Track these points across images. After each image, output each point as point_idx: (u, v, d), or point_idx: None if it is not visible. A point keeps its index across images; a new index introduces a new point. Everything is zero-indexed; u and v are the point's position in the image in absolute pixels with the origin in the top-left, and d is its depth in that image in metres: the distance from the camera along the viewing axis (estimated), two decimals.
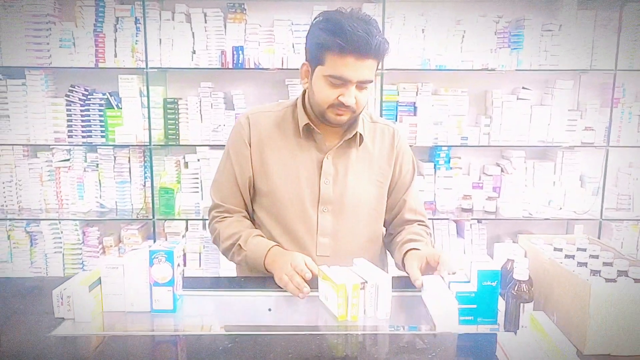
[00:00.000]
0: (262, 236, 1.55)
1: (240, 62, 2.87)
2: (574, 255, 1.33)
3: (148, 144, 2.96)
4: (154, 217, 2.97)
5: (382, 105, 2.97)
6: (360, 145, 1.56)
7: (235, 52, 2.87)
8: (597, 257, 1.28)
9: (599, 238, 3.06)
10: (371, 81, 1.44)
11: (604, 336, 1.10)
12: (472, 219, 3.11)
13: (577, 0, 3.00)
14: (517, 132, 3.10)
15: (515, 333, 1.15)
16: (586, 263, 1.26)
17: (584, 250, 1.35)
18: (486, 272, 1.27)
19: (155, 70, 2.91)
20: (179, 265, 1.37)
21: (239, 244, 1.52)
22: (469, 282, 1.30)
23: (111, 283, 1.35)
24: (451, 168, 3.15)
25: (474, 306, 1.27)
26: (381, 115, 2.94)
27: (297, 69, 2.61)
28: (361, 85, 1.42)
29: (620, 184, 3.24)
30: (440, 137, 3.08)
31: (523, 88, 3.14)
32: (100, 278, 1.35)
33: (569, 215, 3.03)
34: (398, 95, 3.08)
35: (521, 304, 1.21)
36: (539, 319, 1.08)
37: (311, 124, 1.52)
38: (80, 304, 1.29)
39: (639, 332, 1.09)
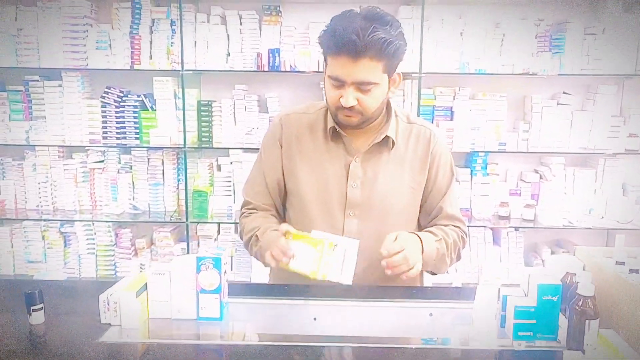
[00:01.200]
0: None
1: (276, 64, 2.85)
2: (638, 270, 1.26)
3: (182, 146, 2.95)
4: (187, 220, 2.96)
5: (419, 109, 2.91)
6: (392, 148, 1.52)
7: (271, 55, 2.85)
8: None
9: None
10: (372, 82, 1.36)
11: None
12: (509, 227, 3.03)
13: (622, 3, 2.91)
14: (557, 138, 3.02)
15: (583, 352, 1.09)
16: None
17: None
18: (547, 285, 1.21)
19: (191, 72, 2.90)
20: (225, 272, 1.34)
21: (256, 235, 1.52)
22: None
23: (157, 289, 1.33)
24: (488, 174, 3.08)
25: (534, 321, 1.22)
26: None
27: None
28: (360, 86, 1.37)
29: None
30: (477, 142, 3.01)
31: (564, 93, 3.05)
32: (146, 284, 1.33)
33: (611, 225, 2.94)
34: (435, 99, 3.02)
35: (586, 321, 1.15)
36: (609, 338, 1.02)
37: (337, 127, 1.49)
38: (127, 310, 1.27)
39: None
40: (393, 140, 1.50)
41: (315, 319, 1.40)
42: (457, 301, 1.43)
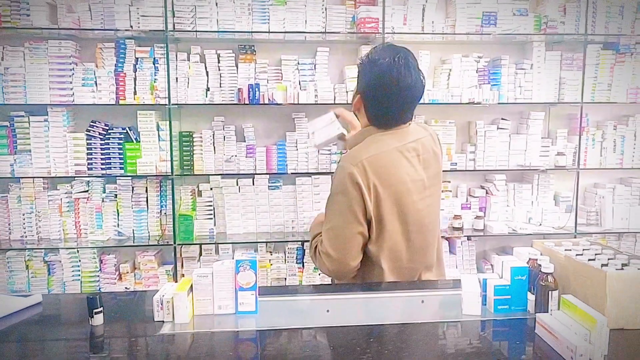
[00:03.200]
0: None
1: (256, 98, 3.15)
2: (582, 254, 1.65)
3: (167, 174, 3.17)
4: (175, 243, 3.16)
5: None
6: None
7: (250, 90, 3.15)
8: (601, 253, 1.61)
9: None
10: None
11: (618, 314, 1.40)
12: (463, 236, 3.44)
13: (545, 42, 3.45)
14: (498, 157, 3.49)
15: (550, 313, 1.45)
16: (594, 259, 1.58)
17: (588, 249, 1.68)
18: (518, 267, 1.57)
19: (176, 106, 3.14)
20: (256, 273, 1.61)
21: None
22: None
23: (201, 289, 1.57)
24: (442, 191, 3.49)
25: (509, 297, 1.57)
26: None
27: (304, 104, 2.94)
28: None
29: (587, 202, 3.66)
30: None
31: (502, 119, 3.54)
32: (191, 285, 1.57)
33: (547, 230, 3.41)
34: None
35: (549, 292, 1.51)
36: (571, 300, 1.38)
37: None
38: (180, 307, 1.51)
39: None
40: None
41: (328, 310, 1.69)
42: (441, 289, 1.77)
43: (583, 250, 1.68)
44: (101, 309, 1.51)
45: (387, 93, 1.69)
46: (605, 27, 3.45)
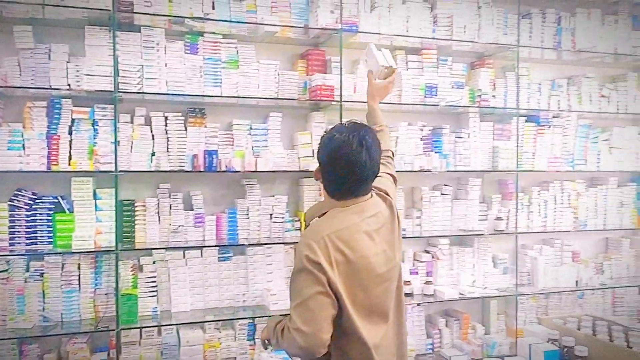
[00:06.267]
0: None
1: (213, 165, 2.96)
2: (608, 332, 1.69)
3: (109, 248, 2.83)
4: (118, 327, 2.79)
5: None
6: None
7: (207, 156, 2.95)
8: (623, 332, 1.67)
9: (516, 312, 3.61)
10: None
11: None
12: (413, 303, 3.45)
13: (479, 114, 3.69)
14: (442, 222, 3.60)
15: None
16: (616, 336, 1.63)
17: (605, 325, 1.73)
18: (550, 352, 1.57)
19: (122, 173, 2.84)
20: None
21: None
22: None
23: None
24: None
25: None
26: None
27: (258, 171, 2.97)
28: None
29: (520, 264, 3.87)
30: None
31: (444, 185, 3.68)
32: None
33: (492, 293, 3.54)
34: None
35: None
36: None
37: None
38: None
39: None
40: None
41: None
42: None
43: (593, 325, 1.73)
44: None
45: (339, 169, 1.81)
46: (527, 102, 3.78)
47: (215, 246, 3.09)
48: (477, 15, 3.55)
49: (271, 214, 3.24)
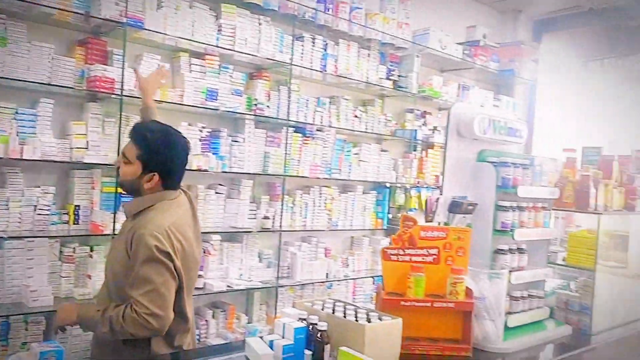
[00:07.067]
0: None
1: None
2: (343, 311, 2.09)
3: None
4: None
5: None
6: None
7: None
8: (354, 310, 2.09)
9: (275, 301, 4.02)
10: (127, 160, 2.06)
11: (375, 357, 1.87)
12: None
13: (254, 121, 4.02)
14: (214, 219, 3.82)
15: None
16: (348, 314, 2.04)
17: (339, 306, 2.14)
18: (299, 328, 1.90)
19: None
20: None
21: None
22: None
23: None
24: None
25: (292, 354, 1.87)
26: None
27: (23, 159, 2.96)
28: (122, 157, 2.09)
29: (282, 259, 4.31)
30: None
31: (219, 184, 3.91)
32: None
33: (256, 285, 3.89)
34: None
35: (324, 345, 1.89)
36: (347, 350, 1.78)
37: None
38: None
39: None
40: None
41: None
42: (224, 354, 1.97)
43: (334, 307, 2.14)
44: None
45: (182, 158, 2.18)
46: (297, 114, 4.25)
47: None
48: (257, 30, 3.88)
49: (35, 206, 3.05)
